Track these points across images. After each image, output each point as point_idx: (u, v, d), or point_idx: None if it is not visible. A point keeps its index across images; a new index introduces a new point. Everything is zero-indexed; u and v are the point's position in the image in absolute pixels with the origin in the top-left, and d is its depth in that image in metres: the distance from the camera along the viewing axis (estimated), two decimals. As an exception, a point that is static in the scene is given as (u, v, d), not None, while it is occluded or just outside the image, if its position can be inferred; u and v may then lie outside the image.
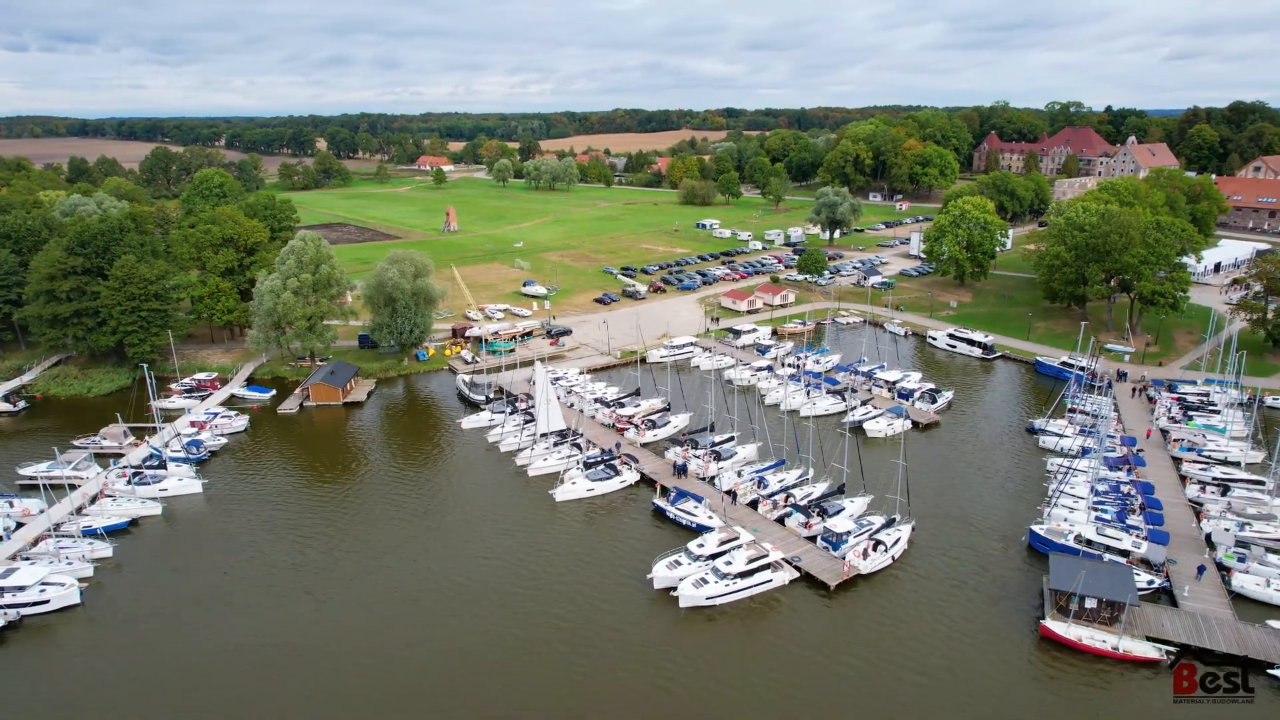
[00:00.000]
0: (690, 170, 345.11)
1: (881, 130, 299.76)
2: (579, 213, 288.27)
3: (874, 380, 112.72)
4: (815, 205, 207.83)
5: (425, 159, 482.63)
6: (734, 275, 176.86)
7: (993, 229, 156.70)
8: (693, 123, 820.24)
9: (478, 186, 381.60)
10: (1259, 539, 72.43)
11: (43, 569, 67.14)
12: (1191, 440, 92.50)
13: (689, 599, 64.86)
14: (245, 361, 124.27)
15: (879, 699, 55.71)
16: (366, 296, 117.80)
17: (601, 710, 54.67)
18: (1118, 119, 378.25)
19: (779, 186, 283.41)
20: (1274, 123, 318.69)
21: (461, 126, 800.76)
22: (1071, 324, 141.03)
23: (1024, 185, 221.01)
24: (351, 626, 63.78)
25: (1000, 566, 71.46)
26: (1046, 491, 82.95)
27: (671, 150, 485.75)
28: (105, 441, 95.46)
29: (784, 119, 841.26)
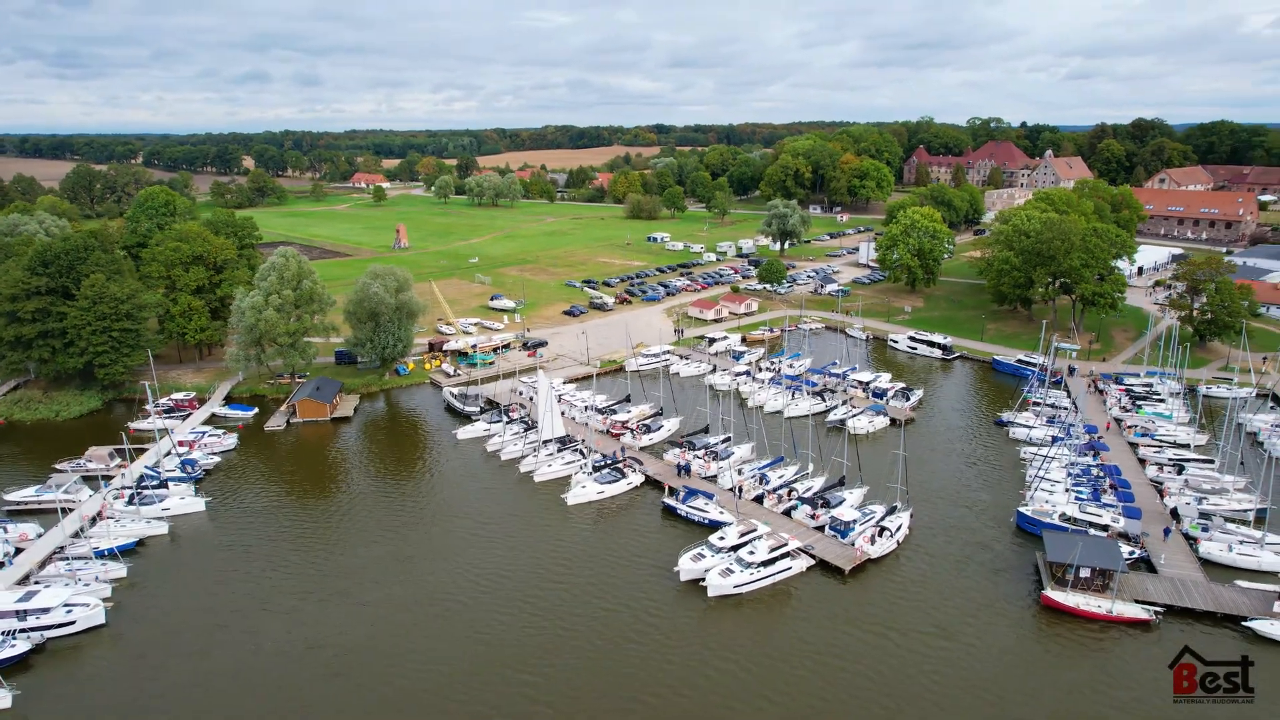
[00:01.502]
0: (633, 186, 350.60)
1: (819, 145, 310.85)
2: (527, 228, 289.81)
3: (848, 381, 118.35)
4: (766, 217, 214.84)
5: (360, 176, 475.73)
6: (695, 286, 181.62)
7: (941, 237, 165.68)
8: (624, 139, 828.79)
9: (418, 203, 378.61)
10: (1217, 511, 79.94)
11: (65, 590, 65.91)
12: (1144, 426, 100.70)
13: (718, 588, 68.06)
14: (221, 380, 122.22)
15: (905, 664, 59.91)
16: (348, 312, 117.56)
17: (652, 692, 57.22)
18: (1033, 134, 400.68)
19: (724, 200, 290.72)
20: (1171, 138, 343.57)
21: (390, 144, 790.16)
22: (1019, 325, 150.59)
23: (959, 196, 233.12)
24: (401, 625, 65.13)
25: (995, 545, 76.99)
26: (1025, 477, 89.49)
27: (609, 166, 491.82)
28: (91, 464, 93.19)
29: (713, 134, 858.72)
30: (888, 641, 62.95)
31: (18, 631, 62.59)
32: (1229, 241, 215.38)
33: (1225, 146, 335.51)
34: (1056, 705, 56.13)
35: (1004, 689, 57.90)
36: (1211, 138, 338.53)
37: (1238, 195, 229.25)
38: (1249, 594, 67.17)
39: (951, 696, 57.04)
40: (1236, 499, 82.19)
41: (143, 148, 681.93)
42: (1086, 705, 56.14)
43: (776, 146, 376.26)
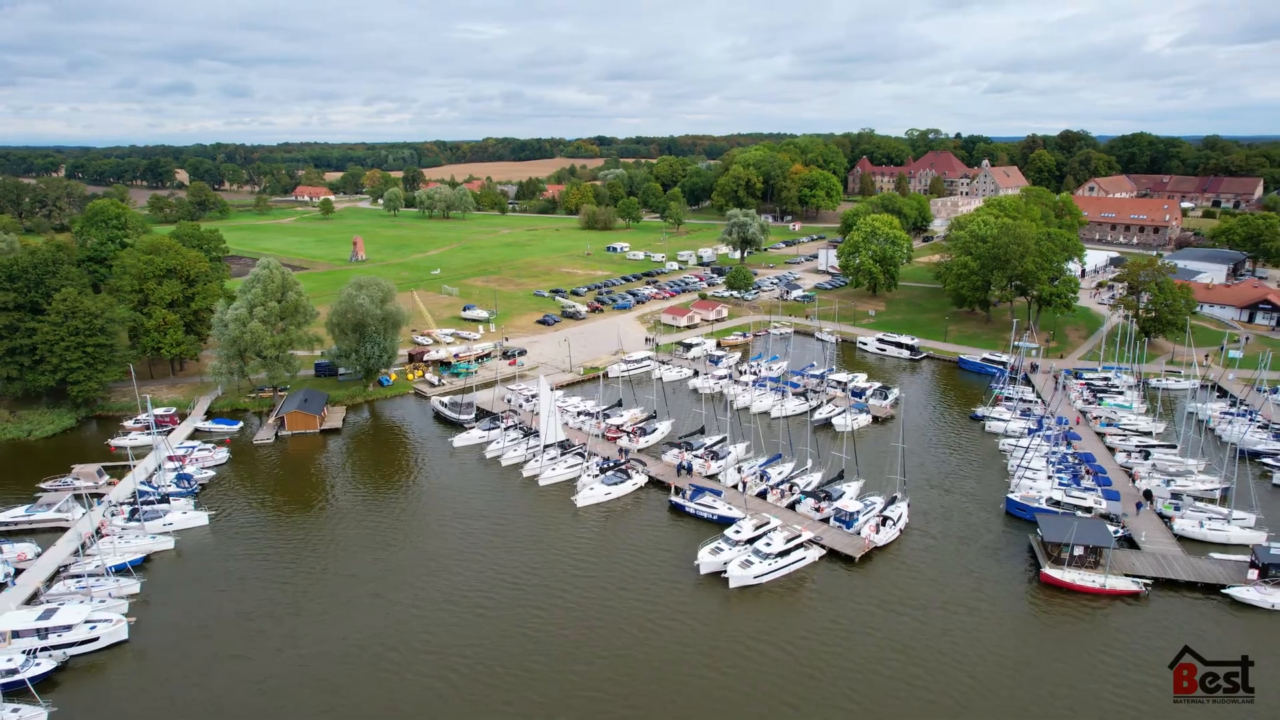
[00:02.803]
0: (585, 197, 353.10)
1: (769, 156, 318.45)
2: (483, 240, 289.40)
3: (827, 382, 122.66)
4: (727, 226, 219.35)
5: (302, 189, 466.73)
6: (663, 294, 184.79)
7: (901, 243, 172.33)
8: (566, 150, 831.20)
9: (367, 216, 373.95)
10: (1184, 491, 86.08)
11: (85, 607, 64.66)
12: (1108, 417, 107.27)
13: (739, 579, 70.58)
14: (200, 395, 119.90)
15: (927, 635, 63.43)
16: (332, 323, 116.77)
17: (698, 675, 59.31)
18: (969, 144, 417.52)
19: (678, 211, 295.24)
20: (1096, 149, 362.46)
21: (328, 156, 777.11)
22: (978, 326, 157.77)
23: (908, 205, 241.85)
24: (440, 623, 66.26)
25: (988, 528, 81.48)
26: (1006, 467, 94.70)
27: (555, 177, 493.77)
28: (79, 482, 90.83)
29: (655, 146, 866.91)
30: (906, 616, 66.60)
31: (39, 650, 61.24)
32: (1157, 245, 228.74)
33: (1145, 157, 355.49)
34: (1070, 666, 60.18)
35: (1022, 654, 62.03)
36: (1133, 148, 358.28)
37: (1163, 202, 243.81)
38: (1224, 565, 72.85)
39: (975, 662, 60.88)
40: (1200, 480, 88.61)
41: (64, 160, 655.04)
42: (1096, 664, 60.35)
43: (725, 157, 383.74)
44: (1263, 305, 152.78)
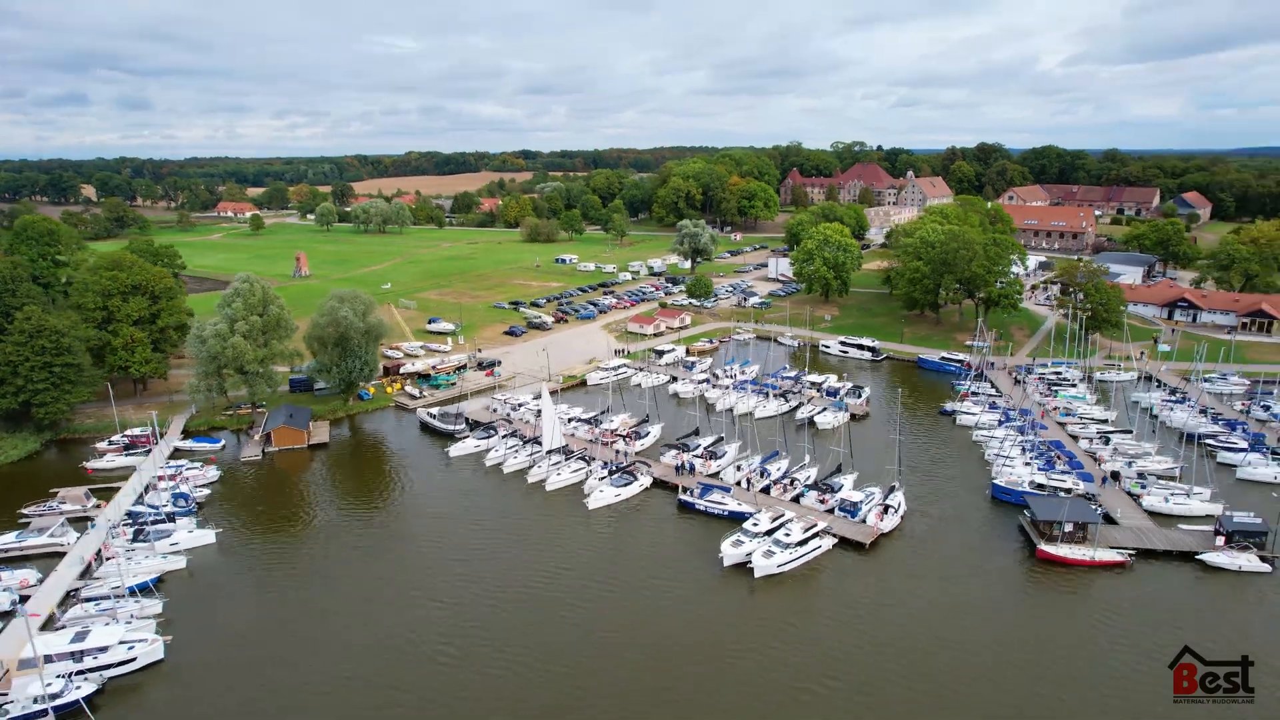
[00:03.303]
0: (525, 210, 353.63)
1: (707, 168, 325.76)
2: (426, 254, 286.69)
3: (802, 384, 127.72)
4: (678, 236, 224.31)
5: (225, 205, 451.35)
6: (624, 304, 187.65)
7: (852, 251, 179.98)
8: (491, 164, 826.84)
9: (298, 231, 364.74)
10: (1145, 471, 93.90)
11: (119, 628, 63.13)
12: (1066, 407, 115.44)
13: (763, 568, 73.83)
14: (173, 414, 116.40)
15: (948, 604, 68.18)
16: (313, 336, 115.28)
17: (743, 657, 62.15)
18: (890, 156, 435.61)
19: (622, 222, 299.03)
20: (1010, 160, 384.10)
21: (244, 171, 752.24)
22: (929, 327, 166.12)
23: (847, 214, 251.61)
24: (491, 619, 67.90)
25: (977, 512, 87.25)
26: (983, 455, 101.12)
27: (487, 191, 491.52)
28: (65, 506, 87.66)
29: (580, 160, 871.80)
30: (926, 588, 71.81)
31: (75, 674, 59.59)
32: (1076, 250, 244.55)
33: (1054, 168, 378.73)
34: (1078, 625, 65.71)
35: (1035, 617, 67.41)
36: (1043, 160, 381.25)
37: (1079, 210, 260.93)
38: (1193, 534, 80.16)
39: (997, 623, 66.34)
40: (1157, 460, 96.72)
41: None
42: (1097, 621, 66.22)
43: (662, 170, 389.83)
44: (1180, 303, 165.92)
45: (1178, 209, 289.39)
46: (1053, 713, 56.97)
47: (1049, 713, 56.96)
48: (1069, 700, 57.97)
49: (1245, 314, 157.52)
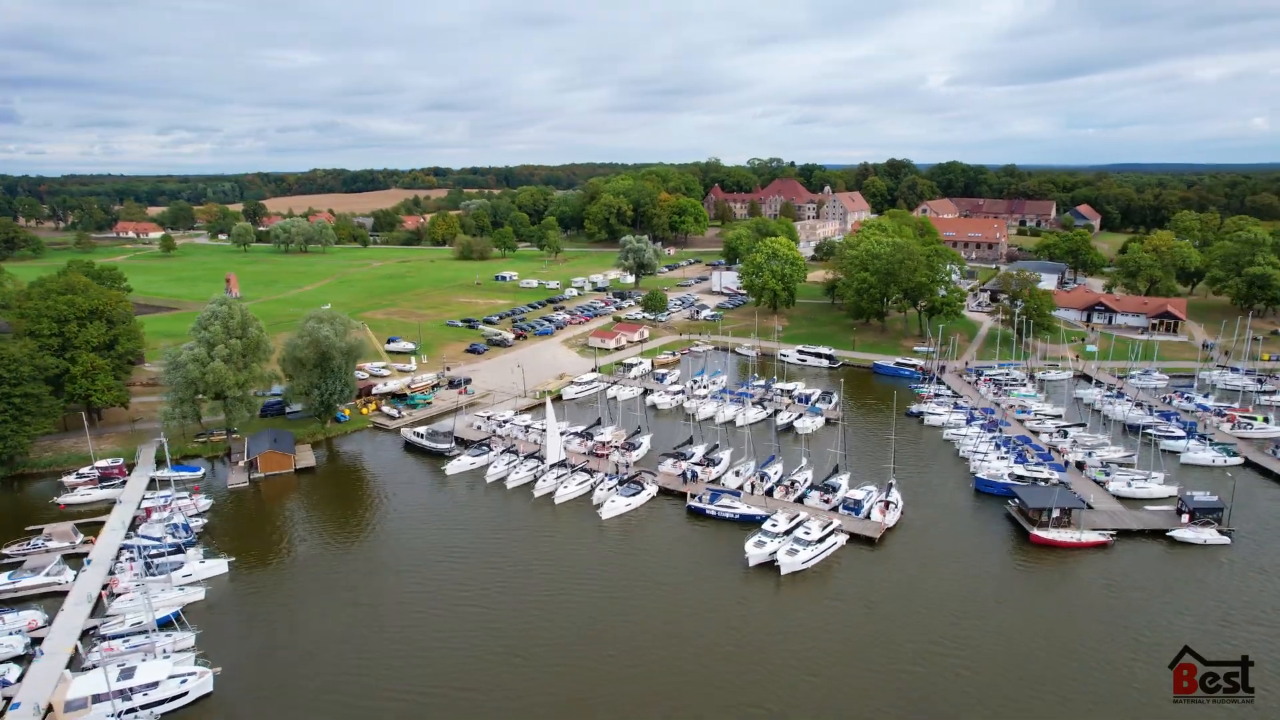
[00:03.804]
0: (452, 227, 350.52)
1: (637, 185, 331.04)
2: (357, 273, 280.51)
3: (774, 391, 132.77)
4: (622, 252, 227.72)
5: (125, 225, 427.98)
6: (578, 319, 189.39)
7: (799, 264, 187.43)
8: (401, 181, 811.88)
9: (212, 252, 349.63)
10: (1106, 459, 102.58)
11: (166, 663, 61.08)
12: (1021, 405, 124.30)
13: (789, 565, 77.38)
14: (141, 443, 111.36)
15: (966, 583, 73.73)
16: (293, 358, 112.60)
17: (785, 645, 65.35)
18: (805, 172, 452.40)
19: (556, 239, 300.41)
20: (919, 175, 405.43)
21: (135, 189, 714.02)
22: (876, 335, 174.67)
23: (780, 228, 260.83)
24: (545, 619, 69.64)
25: (966, 504, 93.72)
26: (957, 452, 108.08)
27: (404, 209, 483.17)
28: (52, 543, 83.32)
29: (491, 176, 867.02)
30: (943, 571, 77.69)
31: (125, 713, 57.47)
32: (992, 260, 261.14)
33: (960, 182, 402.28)
34: (1079, 593, 71.90)
35: (1043, 590, 73.43)
36: (949, 175, 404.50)
37: (994, 223, 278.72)
38: (1160, 514, 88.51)
39: (1015, 597, 72.19)
40: (1112, 450, 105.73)
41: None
42: (1095, 592, 72.53)
43: (587, 186, 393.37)
44: (1096, 307, 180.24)
45: (1075, 221, 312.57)
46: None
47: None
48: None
49: (1154, 316, 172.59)
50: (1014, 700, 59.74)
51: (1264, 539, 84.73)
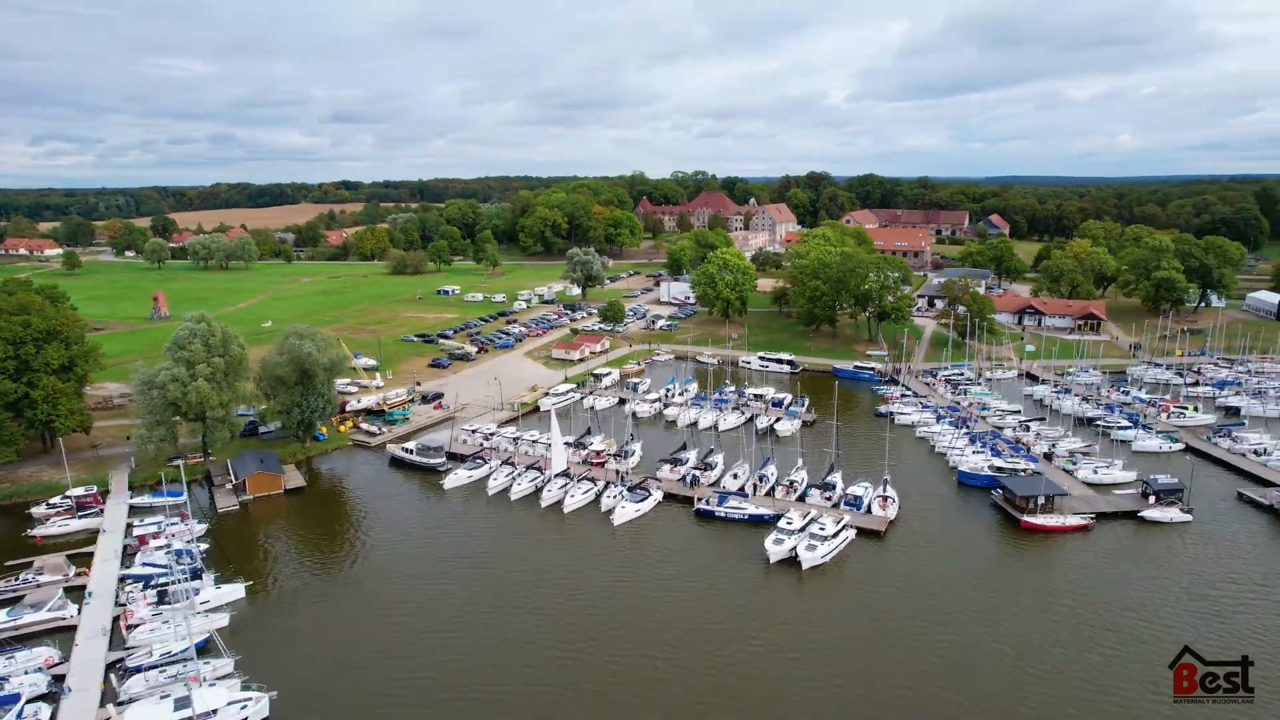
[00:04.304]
0: (381, 241, 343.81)
1: (570, 198, 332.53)
2: (290, 289, 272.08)
3: (747, 396, 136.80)
4: (570, 264, 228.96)
5: (14, 241, 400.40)
6: (535, 332, 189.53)
7: (750, 273, 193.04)
8: (312, 196, 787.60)
9: (123, 269, 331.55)
10: (1069, 450, 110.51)
11: (223, 691, 59.23)
12: (980, 403, 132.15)
13: (809, 560, 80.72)
14: (111, 469, 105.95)
15: (977, 563, 79.62)
16: (274, 376, 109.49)
17: (824, 629, 68.52)
18: (728, 185, 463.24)
19: (493, 253, 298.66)
20: (838, 187, 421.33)
21: (16, 203, 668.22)
22: (828, 340, 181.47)
23: (719, 239, 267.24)
24: (585, 628, 70.26)
25: (953, 496, 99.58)
26: (933, 449, 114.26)
27: (320, 223, 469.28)
28: (42, 577, 78.91)
29: (405, 190, 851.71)
30: (948, 560, 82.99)
31: (185, 742, 55.62)
32: (919, 268, 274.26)
33: (877, 194, 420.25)
34: (1074, 568, 78.02)
35: (1046, 565, 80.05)
36: (867, 187, 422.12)
37: (919, 232, 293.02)
38: (1127, 497, 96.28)
39: (1020, 573, 78.41)
40: (1072, 441, 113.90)
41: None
42: (1087, 567, 79.09)
43: (515, 200, 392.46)
44: (1027, 310, 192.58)
45: (988, 229, 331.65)
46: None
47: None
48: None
49: (1079, 317, 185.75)
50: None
51: (1219, 514, 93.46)
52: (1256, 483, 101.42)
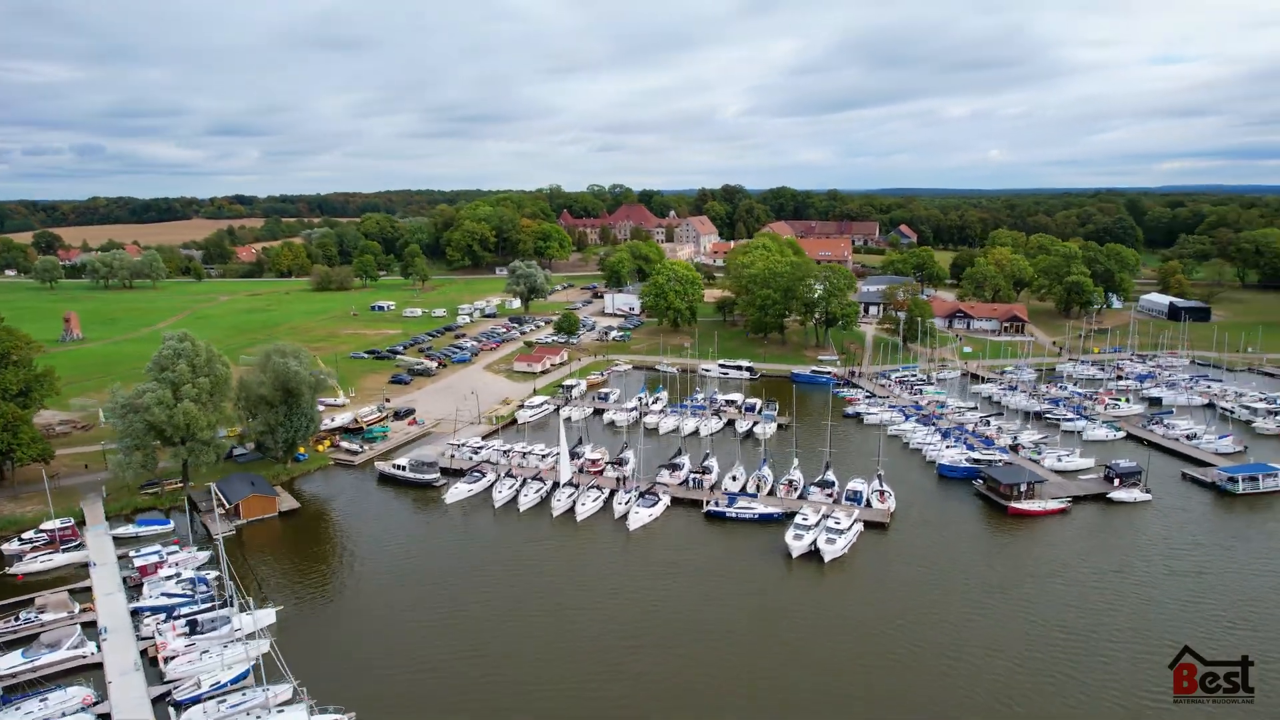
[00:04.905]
0: (299, 258, 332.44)
1: (496, 211, 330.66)
2: (211, 309, 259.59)
3: (719, 403, 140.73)
4: (512, 278, 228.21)
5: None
6: (489, 345, 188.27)
7: (698, 284, 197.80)
8: (205, 211, 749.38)
9: (7, 290, 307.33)
10: (1031, 442, 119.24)
11: (301, 713, 57.67)
12: (938, 401, 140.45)
13: (830, 553, 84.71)
14: (81, 500, 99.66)
15: (979, 544, 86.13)
16: (255, 396, 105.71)
17: (859, 615, 72.48)
18: (645, 198, 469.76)
19: (423, 267, 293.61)
20: (753, 200, 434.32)
21: None
22: (778, 347, 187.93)
23: (653, 251, 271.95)
24: (637, 628, 71.51)
25: (936, 487, 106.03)
26: (906, 445, 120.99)
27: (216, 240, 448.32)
28: (45, 615, 74.19)
29: (303, 204, 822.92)
30: (956, 542, 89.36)
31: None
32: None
33: (790, 206, 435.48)
34: (1060, 544, 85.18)
35: (1039, 545, 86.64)
36: (780, 199, 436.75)
37: (841, 241, 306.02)
38: (1094, 481, 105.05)
39: (1020, 548, 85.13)
40: (1029, 433, 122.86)
41: None
42: (1073, 544, 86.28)
43: (433, 214, 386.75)
44: (957, 314, 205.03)
45: (900, 239, 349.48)
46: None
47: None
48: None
49: (1004, 320, 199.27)
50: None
51: (1171, 492, 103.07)
52: (1193, 464, 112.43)
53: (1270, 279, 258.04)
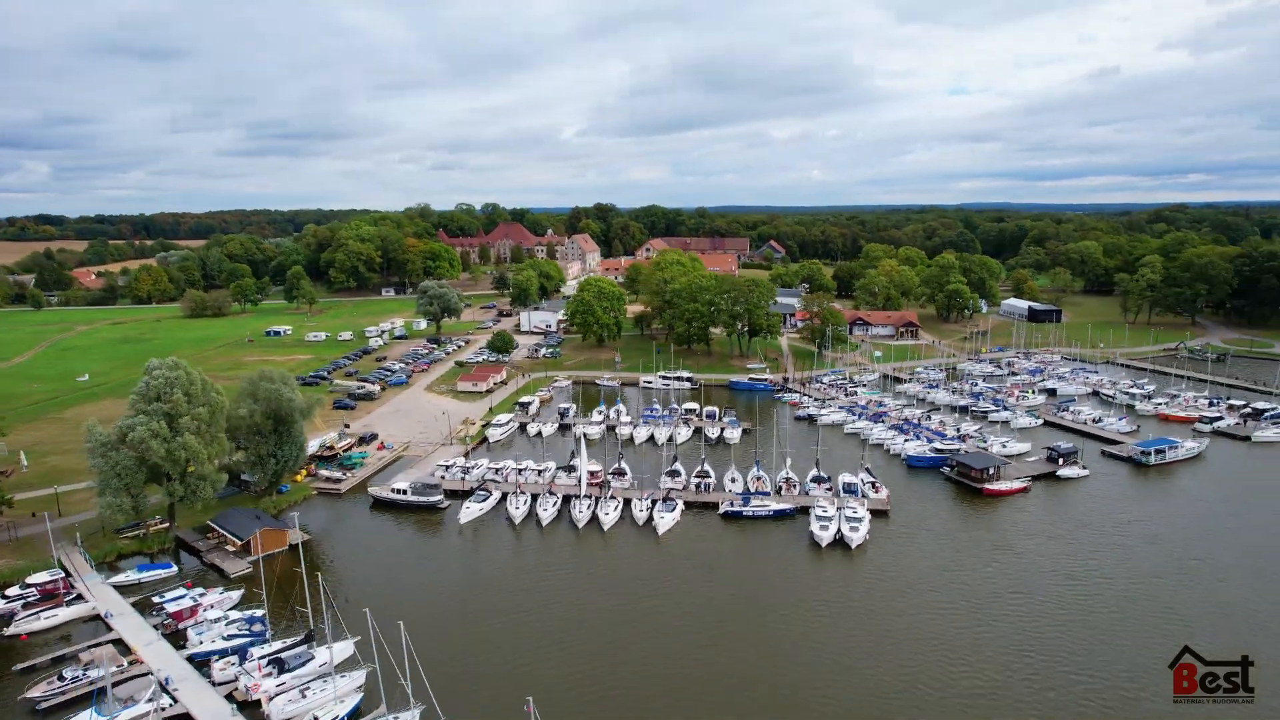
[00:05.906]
0: (159, 283, 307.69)
1: (380, 230, 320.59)
2: (72, 339, 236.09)
3: (681, 411, 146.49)
4: (424, 298, 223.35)
5: None
6: (419, 367, 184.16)
7: (623, 300, 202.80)
8: (8, 233, 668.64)
9: None
10: (978, 430, 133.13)
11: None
12: (877, 401, 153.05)
13: (856, 540, 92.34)
14: (61, 549, 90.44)
15: (975, 523, 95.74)
16: (244, 426, 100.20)
17: (867, 609, 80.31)
18: (517, 216, 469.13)
19: (309, 289, 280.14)
20: (627, 218, 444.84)
21: None
22: (703, 358, 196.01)
23: (553, 269, 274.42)
24: (693, 612, 74.42)
25: (908, 477, 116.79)
26: (866, 441, 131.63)
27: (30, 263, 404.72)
28: (94, 671, 68.27)
29: (126, 225, 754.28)
30: (954, 522, 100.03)
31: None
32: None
33: (661, 223, 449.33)
34: (1039, 515, 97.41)
35: (1019, 514, 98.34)
36: (652, 217, 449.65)
37: (728, 257, 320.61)
38: (1040, 462, 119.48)
39: (1013, 524, 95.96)
40: (968, 425, 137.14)
41: None
42: (1045, 514, 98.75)
43: (305, 234, 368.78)
44: (857, 322, 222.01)
45: (774, 254, 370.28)
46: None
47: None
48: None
49: (899, 326, 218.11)
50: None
51: (1099, 467, 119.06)
52: (1104, 442, 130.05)
53: (1093, 285, 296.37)
